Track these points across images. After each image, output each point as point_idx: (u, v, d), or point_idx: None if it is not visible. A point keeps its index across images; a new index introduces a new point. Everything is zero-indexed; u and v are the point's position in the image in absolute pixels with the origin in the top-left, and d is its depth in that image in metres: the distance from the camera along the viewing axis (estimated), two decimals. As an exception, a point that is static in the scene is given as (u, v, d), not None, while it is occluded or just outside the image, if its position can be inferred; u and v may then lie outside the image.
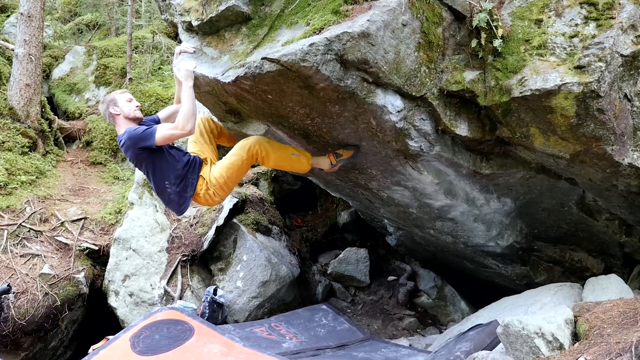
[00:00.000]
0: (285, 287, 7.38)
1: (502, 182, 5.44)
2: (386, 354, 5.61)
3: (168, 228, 7.57)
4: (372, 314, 8.27)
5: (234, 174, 4.60)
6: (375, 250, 9.41)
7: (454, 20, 4.49)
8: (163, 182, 4.49)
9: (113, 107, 4.47)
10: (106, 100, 4.56)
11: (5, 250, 6.96)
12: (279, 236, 8.21)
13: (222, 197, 4.70)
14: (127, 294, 7.01)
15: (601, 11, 4.23)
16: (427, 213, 6.10)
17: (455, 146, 4.92)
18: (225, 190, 4.66)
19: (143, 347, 4.61)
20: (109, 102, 4.52)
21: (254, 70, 4.06)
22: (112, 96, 4.55)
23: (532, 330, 3.62)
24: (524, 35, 4.39)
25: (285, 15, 4.43)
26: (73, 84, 12.39)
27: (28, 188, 8.32)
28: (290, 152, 4.76)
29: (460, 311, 8.28)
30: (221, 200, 4.77)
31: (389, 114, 4.33)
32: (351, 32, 3.81)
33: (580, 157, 4.56)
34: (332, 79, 3.95)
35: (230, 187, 4.70)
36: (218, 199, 4.69)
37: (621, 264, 6.16)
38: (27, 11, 9.74)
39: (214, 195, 4.61)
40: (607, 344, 3.30)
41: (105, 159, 10.66)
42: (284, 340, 5.43)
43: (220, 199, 4.71)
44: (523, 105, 4.28)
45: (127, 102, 4.52)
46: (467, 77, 4.47)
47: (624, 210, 5.40)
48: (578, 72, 4.04)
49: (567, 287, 5.48)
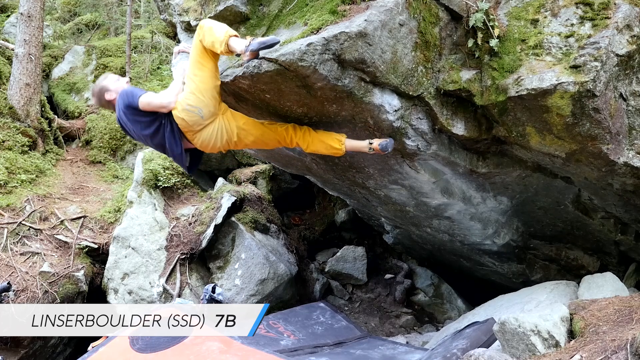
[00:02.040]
0: (283, 285, 7.41)
1: (499, 180, 5.46)
2: (383, 351, 5.64)
3: (167, 226, 7.59)
4: (369, 311, 8.31)
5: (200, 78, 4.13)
6: (373, 249, 9.44)
7: (450, 20, 4.52)
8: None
9: (106, 93, 4.33)
10: (96, 92, 4.42)
11: (5, 248, 6.99)
12: (277, 234, 8.24)
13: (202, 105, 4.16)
14: (126, 291, 7.03)
15: (597, 11, 4.25)
16: (424, 211, 6.13)
17: (451, 145, 4.95)
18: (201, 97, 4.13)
19: (142, 344, 4.62)
20: (100, 91, 4.36)
21: (252, 69, 4.09)
22: (100, 85, 4.38)
23: (528, 327, 3.64)
24: (520, 35, 4.41)
25: (283, 15, 4.46)
26: (73, 83, 12.39)
27: (28, 187, 8.34)
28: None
29: (457, 309, 8.31)
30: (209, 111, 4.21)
31: (386, 113, 4.36)
32: (349, 32, 3.83)
33: (576, 156, 4.58)
34: (330, 78, 3.97)
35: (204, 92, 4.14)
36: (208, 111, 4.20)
37: (616, 262, 6.18)
38: (27, 11, 9.75)
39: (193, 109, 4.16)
40: (602, 342, 3.33)
41: (104, 158, 10.68)
42: (282, 337, 5.45)
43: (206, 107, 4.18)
44: (519, 104, 4.30)
45: (116, 82, 4.37)
46: (464, 77, 4.49)
47: (619, 209, 5.43)
48: (574, 72, 4.06)
49: (563, 285, 5.50)
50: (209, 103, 4.14)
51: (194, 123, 4.18)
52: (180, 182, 8.41)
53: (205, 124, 4.23)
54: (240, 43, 3.92)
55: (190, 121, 4.16)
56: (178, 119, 4.17)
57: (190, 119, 4.15)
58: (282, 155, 5.98)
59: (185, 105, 4.10)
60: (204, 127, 4.24)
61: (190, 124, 4.19)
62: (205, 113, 4.15)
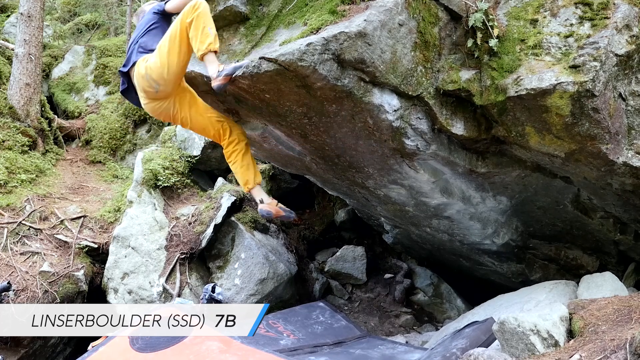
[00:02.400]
0: (282, 285, 7.41)
1: (498, 180, 5.47)
2: (383, 351, 5.64)
3: (167, 226, 7.60)
4: (369, 311, 8.31)
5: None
6: (372, 248, 9.44)
7: (450, 20, 4.53)
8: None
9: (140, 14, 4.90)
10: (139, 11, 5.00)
11: (6, 248, 6.99)
12: (276, 234, 8.25)
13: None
14: (126, 291, 7.04)
15: (596, 11, 4.26)
16: (423, 211, 6.14)
17: (451, 145, 4.96)
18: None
19: (142, 344, 4.63)
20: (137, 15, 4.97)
21: (251, 69, 4.10)
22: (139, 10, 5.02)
23: (527, 327, 3.64)
24: (519, 35, 4.42)
25: (283, 15, 4.47)
26: (72, 83, 12.41)
27: (28, 186, 8.35)
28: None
29: (457, 308, 8.31)
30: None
31: (385, 113, 4.37)
32: (348, 32, 3.84)
33: (575, 156, 4.58)
34: (330, 78, 3.98)
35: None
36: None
37: (616, 261, 6.18)
38: (27, 11, 9.76)
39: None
40: (601, 341, 3.33)
41: (104, 158, 10.70)
42: (281, 337, 5.46)
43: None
44: (518, 104, 4.30)
45: (149, 5, 4.82)
46: (463, 77, 4.50)
47: (618, 209, 5.43)
48: (573, 72, 4.07)
49: (562, 284, 5.50)
50: (169, 85, 4.33)
51: (147, 92, 4.40)
52: (179, 181, 8.42)
53: (155, 98, 4.43)
54: (213, 66, 4.11)
55: (144, 88, 4.37)
56: (137, 76, 4.36)
57: (146, 88, 4.36)
58: (281, 155, 5.99)
59: (147, 74, 4.27)
60: (153, 100, 4.46)
61: (143, 90, 4.41)
62: (161, 91, 4.33)
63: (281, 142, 5.54)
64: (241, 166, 4.91)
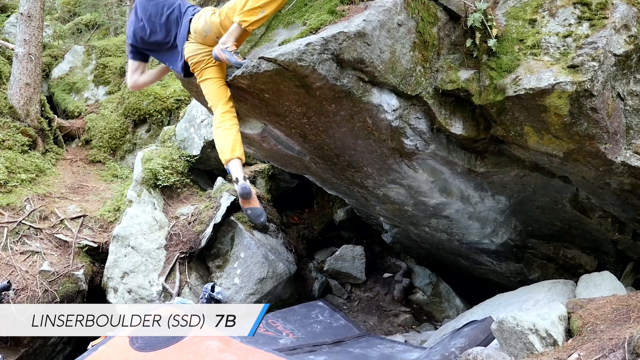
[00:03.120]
0: (282, 284, 7.41)
1: (497, 180, 5.48)
2: (382, 350, 5.65)
3: (166, 225, 7.60)
4: (367, 310, 8.31)
5: None
6: (371, 248, 9.44)
7: (448, 20, 4.53)
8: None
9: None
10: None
11: (5, 247, 7.00)
12: (276, 234, 8.25)
13: None
14: (126, 290, 7.04)
15: (594, 11, 4.27)
16: (422, 211, 6.14)
17: (450, 144, 4.97)
18: None
19: (142, 343, 4.63)
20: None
21: (251, 69, 4.11)
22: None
23: (526, 326, 3.65)
24: (518, 35, 4.43)
25: (282, 15, 4.48)
26: (72, 83, 12.42)
27: (28, 186, 8.35)
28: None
29: (455, 308, 8.31)
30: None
31: (384, 113, 4.38)
32: (347, 32, 3.85)
33: (574, 156, 4.59)
34: (329, 78, 3.99)
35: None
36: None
37: (614, 261, 6.19)
38: (27, 11, 9.76)
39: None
40: (600, 340, 3.34)
41: (104, 157, 10.70)
42: (280, 336, 5.46)
43: None
44: (517, 104, 4.32)
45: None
46: (462, 77, 4.51)
47: (616, 208, 5.44)
48: (571, 72, 4.08)
49: (560, 283, 5.51)
50: (212, 38, 4.41)
51: (198, 35, 4.48)
52: (179, 181, 8.42)
53: (197, 41, 4.50)
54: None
55: (198, 31, 4.46)
56: (198, 19, 4.48)
57: (199, 30, 4.45)
58: (280, 154, 6.00)
59: (205, 18, 4.43)
60: (195, 42, 4.51)
61: (195, 33, 4.49)
62: (209, 37, 4.42)
63: (280, 141, 5.55)
64: (228, 133, 4.47)
